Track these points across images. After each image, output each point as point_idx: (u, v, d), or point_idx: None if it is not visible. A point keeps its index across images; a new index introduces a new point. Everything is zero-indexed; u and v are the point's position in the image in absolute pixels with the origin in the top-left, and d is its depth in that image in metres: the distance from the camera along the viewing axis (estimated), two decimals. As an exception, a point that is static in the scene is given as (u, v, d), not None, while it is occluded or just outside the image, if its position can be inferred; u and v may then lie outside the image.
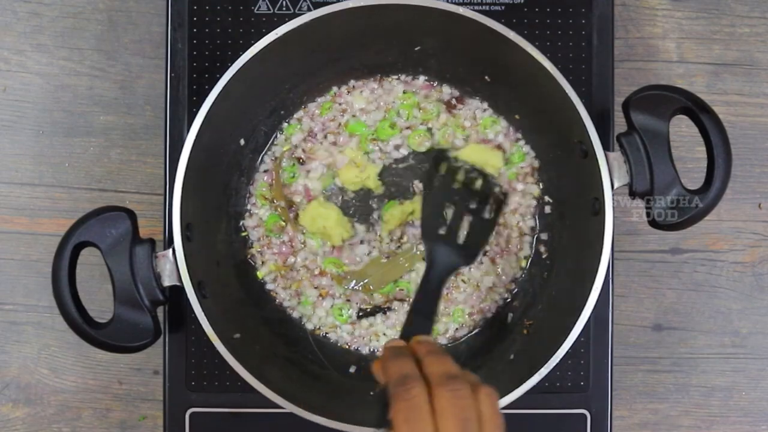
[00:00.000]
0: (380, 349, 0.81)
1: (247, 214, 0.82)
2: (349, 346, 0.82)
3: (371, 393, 0.75)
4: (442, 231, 0.74)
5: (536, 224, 0.82)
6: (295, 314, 0.82)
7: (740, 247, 0.88)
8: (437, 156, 0.78)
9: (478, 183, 0.77)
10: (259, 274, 0.82)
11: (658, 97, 0.70)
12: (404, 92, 0.82)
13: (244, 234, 0.82)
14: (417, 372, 0.56)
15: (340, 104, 0.82)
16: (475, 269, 0.82)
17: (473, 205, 0.76)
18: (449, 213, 0.75)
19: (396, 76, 0.82)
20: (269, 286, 0.82)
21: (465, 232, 0.74)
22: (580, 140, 0.71)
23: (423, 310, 0.68)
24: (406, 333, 0.65)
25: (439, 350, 0.60)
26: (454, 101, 0.82)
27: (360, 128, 0.81)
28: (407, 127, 0.82)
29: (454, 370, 0.57)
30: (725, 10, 0.88)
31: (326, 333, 0.82)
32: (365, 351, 0.82)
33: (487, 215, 0.76)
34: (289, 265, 0.81)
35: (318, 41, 0.75)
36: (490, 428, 0.55)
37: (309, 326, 0.82)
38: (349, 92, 0.82)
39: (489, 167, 0.80)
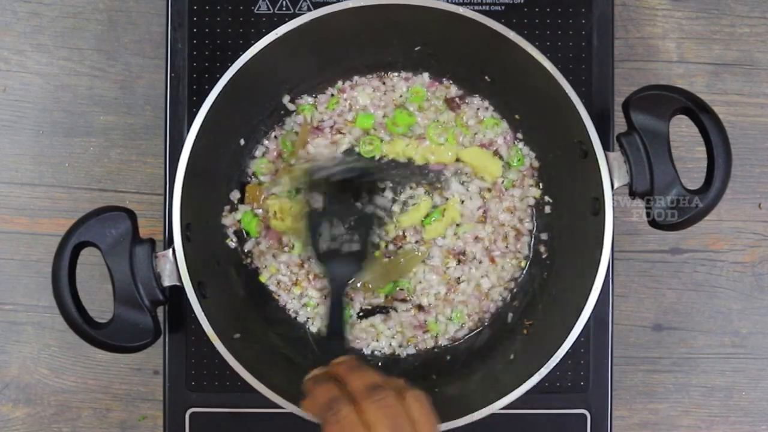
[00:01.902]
0: (381, 351, 0.82)
1: (224, 212, 0.81)
2: (349, 347, 0.82)
3: None
4: (329, 247, 0.75)
5: (535, 224, 0.82)
6: (300, 318, 0.82)
7: (740, 247, 0.88)
8: (306, 173, 0.78)
9: (347, 181, 0.77)
10: (262, 278, 0.82)
11: (658, 97, 0.70)
12: (410, 87, 0.82)
13: (228, 240, 0.81)
14: (340, 393, 0.57)
15: (345, 99, 0.82)
16: (475, 270, 0.82)
17: (348, 207, 0.76)
18: (330, 226, 0.76)
19: (397, 74, 0.82)
20: (271, 288, 0.82)
21: (355, 235, 0.75)
22: (580, 140, 0.71)
23: (334, 330, 0.70)
24: (325, 359, 0.66)
25: (357, 365, 0.61)
26: (457, 100, 0.82)
27: (369, 120, 0.81)
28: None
29: (377, 380, 0.58)
30: (725, 10, 0.88)
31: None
32: (366, 351, 0.82)
33: (365, 209, 0.77)
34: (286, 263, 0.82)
35: (318, 41, 0.75)
36: (424, 429, 0.56)
37: (313, 329, 0.82)
38: (352, 88, 0.82)
39: (486, 174, 0.80)
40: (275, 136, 0.82)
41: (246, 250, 0.81)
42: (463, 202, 0.81)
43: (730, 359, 0.88)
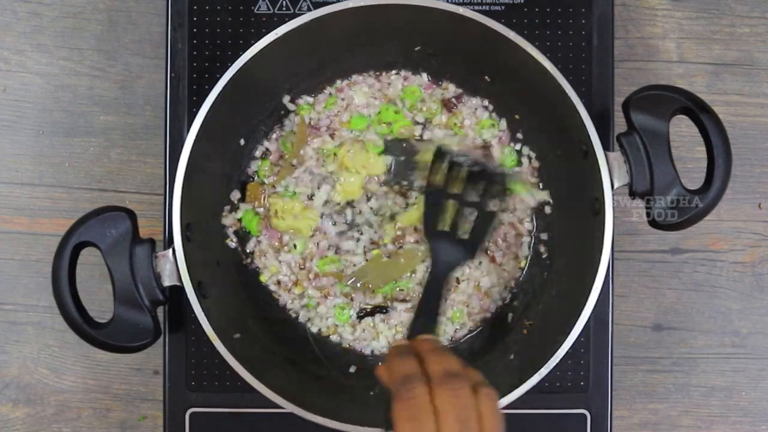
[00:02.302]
0: (381, 350, 0.82)
1: (224, 213, 0.81)
2: (349, 347, 0.82)
3: (371, 393, 0.75)
4: (443, 228, 0.74)
5: (535, 224, 0.82)
6: (300, 318, 0.82)
7: (740, 247, 0.88)
8: (438, 151, 0.77)
9: (480, 175, 0.76)
10: (262, 278, 0.82)
11: (658, 97, 0.70)
12: (406, 87, 0.82)
13: (228, 240, 0.81)
14: (419, 371, 0.56)
15: (342, 99, 0.82)
16: (475, 269, 0.82)
17: (474, 198, 0.75)
18: (450, 209, 0.74)
19: (396, 72, 0.82)
20: (272, 288, 0.82)
21: (468, 226, 0.74)
22: (580, 140, 0.71)
23: (427, 309, 0.69)
24: (411, 333, 0.66)
25: (441, 348, 0.61)
26: (453, 100, 0.82)
27: (362, 122, 0.81)
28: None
29: (456, 368, 0.57)
30: (725, 10, 0.88)
31: (327, 333, 0.82)
32: (366, 351, 0.82)
33: (488, 207, 0.76)
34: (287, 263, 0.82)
35: (318, 41, 0.75)
36: (489, 429, 0.55)
37: (314, 329, 0.82)
38: (350, 87, 0.82)
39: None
40: (276, 138, 0.82)
41: (248, 251, 0.81)
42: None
43: (730, 359, 0.88)
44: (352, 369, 0.80)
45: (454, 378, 0.55)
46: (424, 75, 0.82)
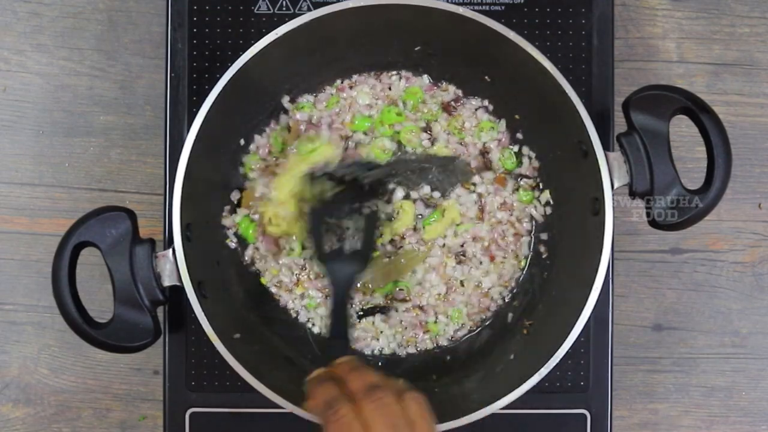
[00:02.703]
0: (381, 351, 0.82)
1: (224, 213, 0.81)
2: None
3: None
4: (331, 247, 0.74)
5: (535, 224, 0.82)
6: (301, 318, 0.82)
7: (740, 247, 0.88)
8: (310, 175, 0.77)
9: (357, 180, 0.76)
10: (263, 280, 0.81)
11: (658, 97, 0.70)
12: (407, 87, 0.82)
13: (228, 240, 0.81)
14: (339, 393, 0.58)
15: (344, 98, 0.82)
16: (474, 269, 0.82)
17: (354, 206, 0.75)
18: (334, 226, 0.75)
19: (396, 73, 0.82)
20: (273, 290, 0.82)
21: (356, 237, 0.75)
22: (580, 140, 0.71)
23: (337, 330, 0.70)
24: (327, 356, 0.66)
25: (358, 366, 0.62)
26: (453, 103, 0.82)
27: (366, 122, 0.81)
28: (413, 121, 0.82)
29: (376, 380, 0.58)
30: (725, 10, 0.88)
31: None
32: (366, 351, 0.82)
33: (366, 210, 0.76)
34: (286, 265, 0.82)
35: (318, 41, 0.75)
36: (422, 430, 0.56)
37: (315, 330, 0.82)
38: (351, 87, 0.82)
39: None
40: (268, 132, 0.81)
41: (246, 259, 0.81)
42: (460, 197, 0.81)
43: (730, 359, 0.88)
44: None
45: (376, 389, 0.57)
46: (425, 77, 0.82)
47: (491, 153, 0.81)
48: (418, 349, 0.82)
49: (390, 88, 0.82)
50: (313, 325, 0.82)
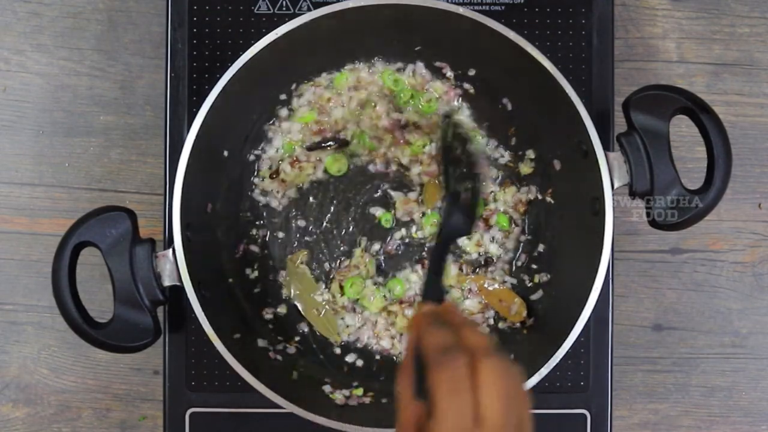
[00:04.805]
0: (382, 351, 0.81)
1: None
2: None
3: (370, 393, 0.75)
4: (460, 195, 0.69)
5: (535, 224, 0.82)
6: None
7: (740, 247, 0.88)
8: (446, 119, 0.74)
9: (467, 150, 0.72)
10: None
11: (658, 97, 0.70)
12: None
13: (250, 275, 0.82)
14: (457, 343, 0.53)
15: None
16: (477, 269, 0.82)
17: (467, 171, 0.71)
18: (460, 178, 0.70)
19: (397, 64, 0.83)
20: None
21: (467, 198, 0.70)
22: (580, 140, 0.71)
23: (437, 270, 0.64)
24: (426, 297, 0.61)
25: (474, 323, 0.57)
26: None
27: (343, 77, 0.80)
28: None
29: (492, 344, 0.54)
30: (725, 10, 0.88)
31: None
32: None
33: (476, 183, 0.71)
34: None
35: (318, 41, 0.75)
36: (526, 409, 0.52)
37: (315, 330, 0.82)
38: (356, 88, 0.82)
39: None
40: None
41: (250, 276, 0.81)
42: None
43: (730, 359, 0.88)
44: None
45: (495, 355, 0.52)
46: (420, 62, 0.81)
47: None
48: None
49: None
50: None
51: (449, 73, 0.81)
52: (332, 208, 0.82)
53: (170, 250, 0.69)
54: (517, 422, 0.50)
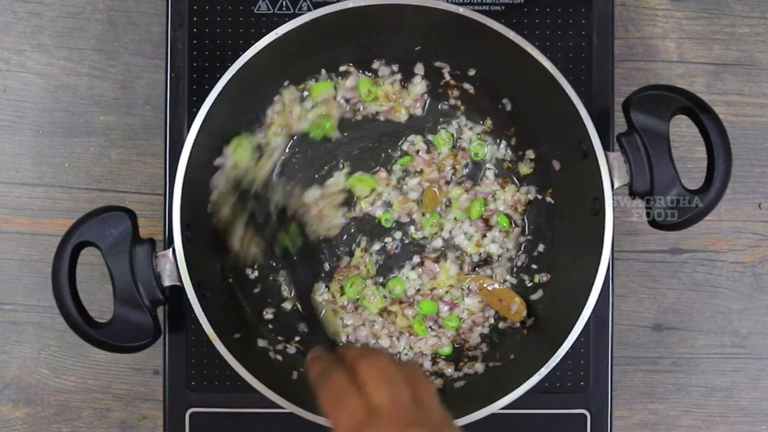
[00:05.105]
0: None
1: None
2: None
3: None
4: (278, 252, 0.75)
5: (535, 224, 0.82)
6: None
7: (740, 247, 0.88)
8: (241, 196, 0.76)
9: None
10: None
11: (658, 97, 0.70)
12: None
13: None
14: (334, 362, 0.58)
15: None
16: (477, 269, 0.82)
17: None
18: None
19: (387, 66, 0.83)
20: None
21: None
22: (580, 140, 0.71)
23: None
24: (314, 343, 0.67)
25: (353, 344, 0.61)
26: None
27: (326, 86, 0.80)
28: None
29: (371, 350, 0.60)
30: (725, 10, 0.88)
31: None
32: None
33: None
34: None
35: (318, 41, 0.75)
36: (422, 386, 0.55)
37: None
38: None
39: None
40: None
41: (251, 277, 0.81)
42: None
43: (730, 359, 0.88)
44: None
45: (372, 353, 0.57)
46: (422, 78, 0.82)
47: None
48: (419, 350, 0.82)
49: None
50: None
51: (449, 73, 0.81)
52: (332, 208, 0.82)
53: (170, 250, 0.69)
54: (414, 398, 0.54)
